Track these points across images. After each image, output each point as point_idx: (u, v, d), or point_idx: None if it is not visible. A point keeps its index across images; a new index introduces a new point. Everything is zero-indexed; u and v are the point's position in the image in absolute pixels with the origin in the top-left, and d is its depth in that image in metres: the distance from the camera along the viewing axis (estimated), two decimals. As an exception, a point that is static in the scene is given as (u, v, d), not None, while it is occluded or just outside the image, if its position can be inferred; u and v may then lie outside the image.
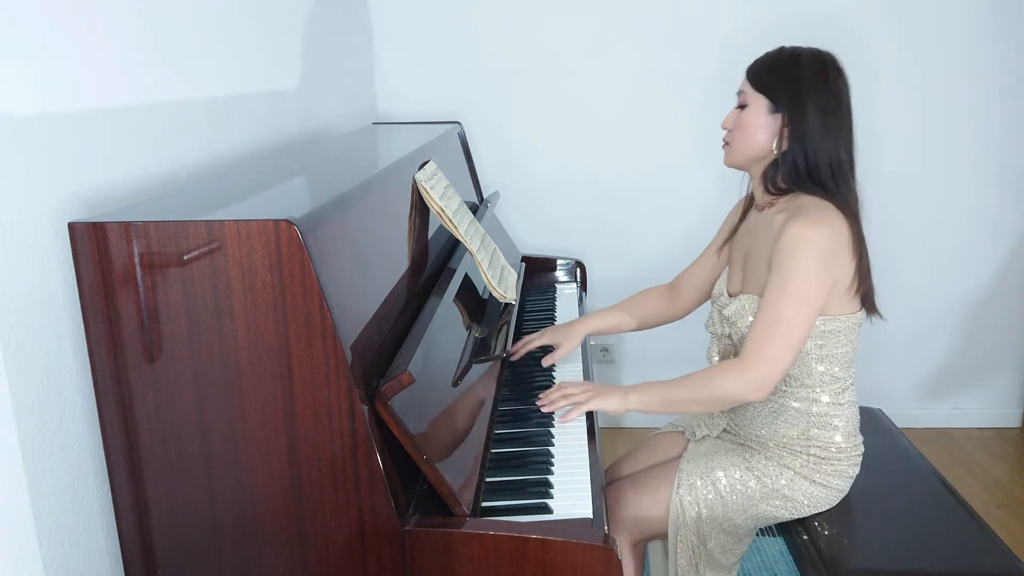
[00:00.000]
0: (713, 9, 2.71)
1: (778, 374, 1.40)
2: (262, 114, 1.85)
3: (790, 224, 1.39)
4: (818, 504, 1.53)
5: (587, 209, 2.91)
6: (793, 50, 1.49)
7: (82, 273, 1.07)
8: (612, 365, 3.05)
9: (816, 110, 1.43)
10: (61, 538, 1.14)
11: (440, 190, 1.64)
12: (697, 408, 1.51)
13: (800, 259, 1.37)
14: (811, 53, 1.47)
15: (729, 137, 1.54)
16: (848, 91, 1.48)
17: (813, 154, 1.44)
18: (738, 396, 1.42)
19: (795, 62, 1.46)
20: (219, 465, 1.11)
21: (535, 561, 1.10)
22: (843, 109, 1.46)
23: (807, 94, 1.43)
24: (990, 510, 2.47)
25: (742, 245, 1.61)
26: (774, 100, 1.46)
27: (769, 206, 1.52)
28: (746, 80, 1.51)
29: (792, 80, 1.45)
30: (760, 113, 1.47)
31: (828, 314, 1.45)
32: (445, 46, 2.80)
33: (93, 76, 1.22)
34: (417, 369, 1.14)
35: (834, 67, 1.47)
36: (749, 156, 1.51)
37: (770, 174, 1.49)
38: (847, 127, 1.47)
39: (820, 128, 1.43)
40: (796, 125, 1.44)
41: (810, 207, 1.42)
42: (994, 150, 2.79)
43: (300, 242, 1.02)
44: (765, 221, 1.52)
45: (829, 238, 1.38)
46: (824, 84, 1.44)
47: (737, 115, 1.52)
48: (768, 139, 1.47)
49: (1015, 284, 2.91)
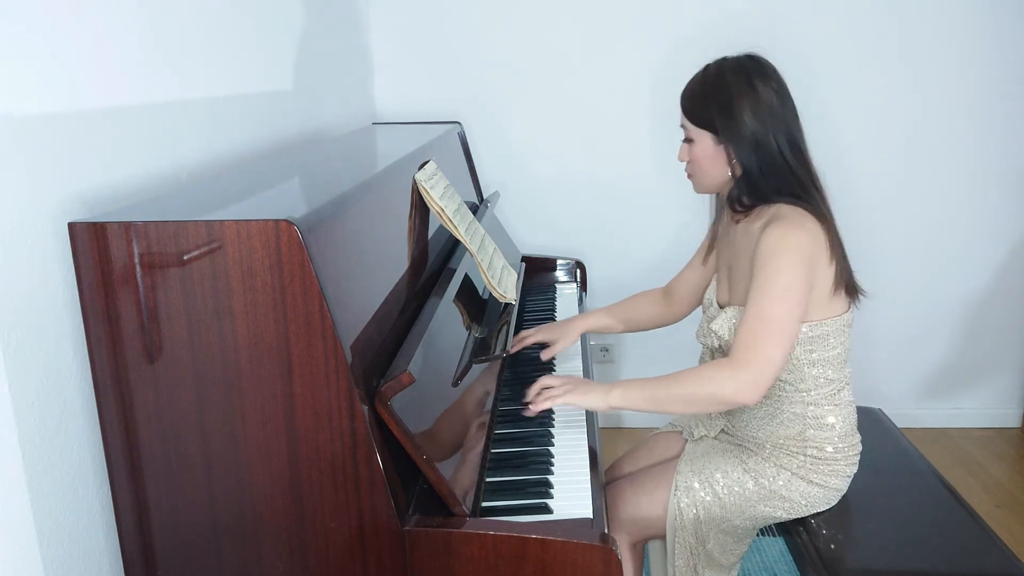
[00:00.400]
0: (714, 9, 2.71)
1: (770, 374, 1.37)
2: (262, 114, 1.85)
3: (769, 229, 1.40)
4: (816, 504, 1.53)
5: (587, 209, 2.91)
6: (717, 67, 1.48)
7: (82, 273, 1.07)
8: (612, 365, 3.06)
9: (751, 121, 1.43)
10: (61, 538, 1.14)
11: (440, 190, 1.64)
12: (686, 408, 1.46)
13: (781, 260, 1.37)
14: (733, 67, 1.47)
15: (689, 170, 1.56)
16: (781, 85, 1.47)
17: (763, 164, 1.44)
18: (730, 396, 1.38)
19: (720, 82, 1.46)
20: (219, 465, 1.11)
21: (535, 561, 1.10)
22: (776, 109, 1.45)
23: (739, 112, 1.43)
24: (990, 510, 2.47)
25: (724, 257, 1.61)
26: (714, 131, 1.47)
27: (744, 218, 1.52)
28: (683, 115, 1.52)
29: (723, 104, 1.45)
30: (707, 146, 1.49)
31: (814, 319, 1.45)
32: (445, 46, 2.80)
33: (93, 76, 1.22)
34: (417, 369, 1.14)
35: (758, 72, 1.46)
36: (713, 185, 1.54)
37: (734, 195, 1.50)
38: (789, 121, 1.46)
39: (763, 137, 1.43)
40: (740, 147, 1.45)
41: (786, 213, 1.43)
42: (994, 150, 2.79)
43: (300, 242, 1.02)
44: (743, 231, 1.52)
45: (808, 241, 1.39)
46: (753, 93, 1.44)
47: (688, 149, 1.54)
48: (722, 169, 1.49)
49: (1015, 284, 2.91)
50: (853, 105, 2.76)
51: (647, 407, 1.44)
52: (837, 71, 2.73)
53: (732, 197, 1.50)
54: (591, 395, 1.45)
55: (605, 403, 1.45)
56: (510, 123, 2.85)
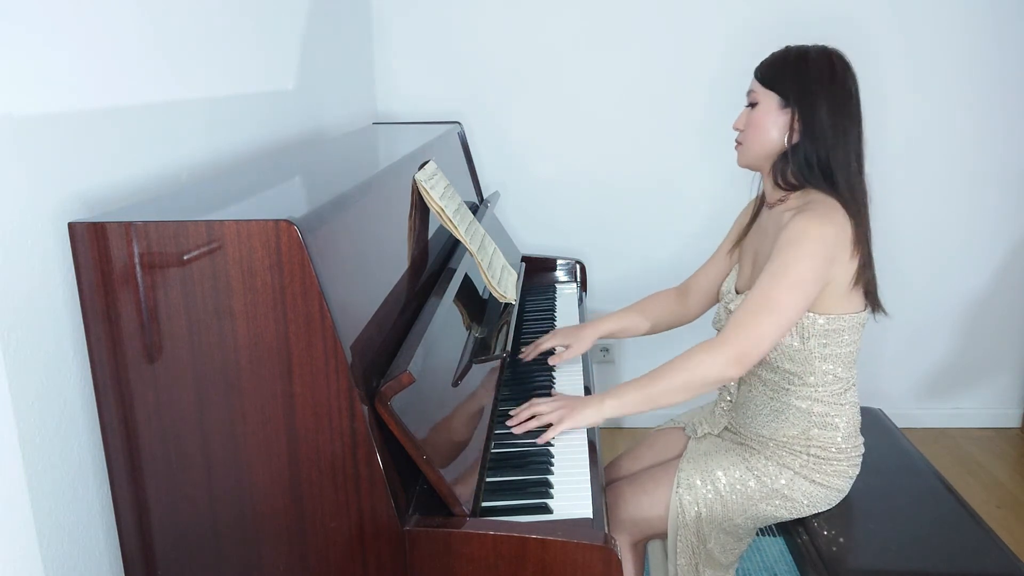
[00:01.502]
0: (715, 8, 2.71)
1: (757, 352, 1.37)
2: (262, 114, 1.85)
3: (797, 217, 1.40)
4: (818, 504, 1.53)
5: (587, 209, 2.91)
6: (800, 48, 1.49)
7: (82, 273, 1.07)
8: (612, 365, 3.06)
9: (826, 104, 1.43)
10: (61, 538, 1.14)
11: (440, 190, 1.64)
12: (680, 396, 1.44)
13: (801, 250, 1.37)
14: (818, 50, 1.48)
15: (741, 137, 1.55)
16: (857, 86, 1.48)
17: (824, 148, 1.44)
18: (717, 374, 1.38)
19: (803, 59, 1.47)
20: (219, 465, 1.11)
21: (535, 561, 1.10)
22: (852, 103, 1.46)
23: (816, 88, 1.44)
24: (990, 510, 2.47)
25: (752, 244, 1.61)
26: (784, 95, 1.47)
27: (780, 203, 1.52)
28: (755, 79, 1.52)
29: (801, 75, 1.45)
30: (771, 109, 1.48)
31: (832, 312, 1.45)
32: (445, 46, 2.80)
33: (93, 76, 1.22)
34: (417, 369, 1.14)
35: (842, 62, 1.47)
36: (762, 153, 1.51)
37: (780, 167, 1.49)
38: (857, 122, 1.47)
39: (830, 122, 1.43)
40: (806, 119, 1.44)
41: (817, 204, 1.42)
42: (994, 150, 2.80)
43: (300, 242, 1.02)
44: (775, 218, 1.52)
45: (832, 236, 1.38)
46: (832, 79, 1.45)
47: (748, 114, 1.52)
48: (780, 134, 1.47)
49: (1015, 284, 2.91)
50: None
51: (643, 407, 1.44)
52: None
53: (777, 170, 1.49)
54: (585, 412, 1.44)
55: (600, 417, 1.44)
56: (510, 123, 2.85)
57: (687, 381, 1.41)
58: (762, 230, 1.58)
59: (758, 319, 1.38)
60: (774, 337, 1.39)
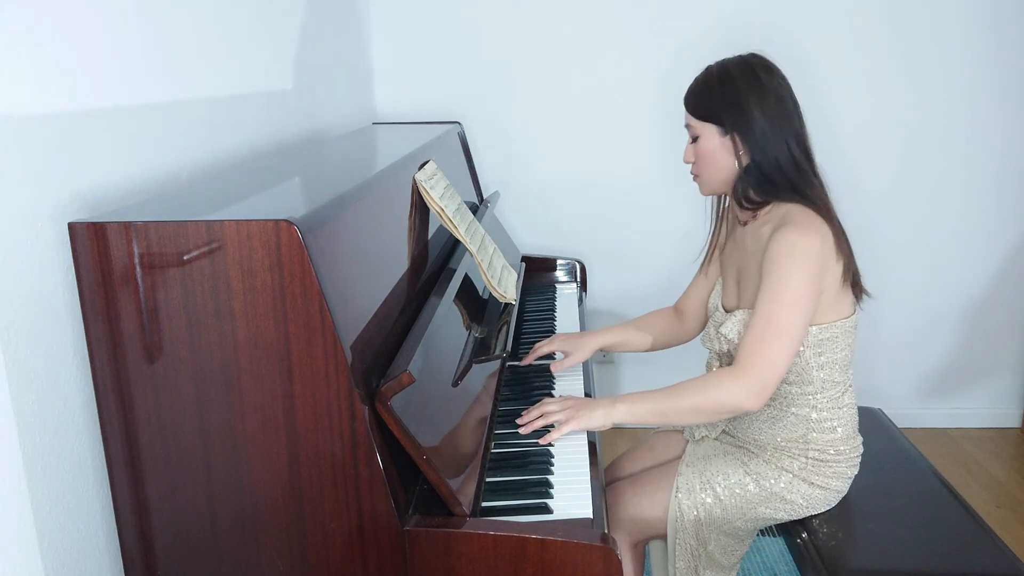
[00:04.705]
0: (715, 8, 2.71)
1: (775, 379, 1.38)
2: (262, 114, 1.85)
3: (779, 233, 1.39)
4: (817, 506, 1.53)
5: (588, 209, 2.91)
6: (720, 66, 1.49)
7: (82, 273, 1.07)
8: (612, 366, 3.06)
9: (760, 115, 1.43)
10: (61, 538, 1.14)
11: (440, 190, 1.64)
12: (691, 418, 1.46)
13: (793, 265, 1.37)
14: (737, 63, 1.48)
15: (695, 170, 1.55)
16: (786, 84, 1.48)
17: (773, 158, 1.44)
18: (736, 404, 1.39)
19: (726, 78, 1.46)
20: (219, 465, 1.11)
21: (535, 561, 1.10)
22: (785, 104, 1.45)
23: (747, 104, 1.43)
24: (990, 510, 2.47)
25: (732, 260, 1.61)
26: (720, 124, 1.47)
27: (752, 219, 1.52)
28: (687, 113, 1.52)
29: (729, 97, 1.45)
30: (712, 139, 1.48)
31: (824, 322, 1.45)
32: (445, 46, 2.80)
33: (93, 76, 1.22)
34: (417, 369, 1.14)
35: (763, 68, 1.47)
36: (721, 181, 1.52)
37: (740, 189, 1.49)
38: (795, 118, 1.46)
39: (770, 131, 1.43)
40: (747, 137, 1.44)
41: (794, 215, 1.42)
42: (994, 150, 2.79)
43: (300, 242, 1.02)
44: (752, 234, 1.51)
45: (819, 245, 1.38)
46: (759, 88, 1.44)
47: (693, 148, 1.53)
48: (730, 160, 1.48)
49: (1015, 284, 2.91)
50: (852, 105, 2.75)
51: (652, 420, 1.44)
52: (836, 71, 2.72)
53: (739, 193, 1.49)
54: (594, 415, 1.45)
55: (609, 421, 1.45)
56: (510, 123, 2.85)
57: (703, 405, 1.41)
58: (741, 246, 1.57)
59: (769, 344, 1.37)
60: (787, 360, 1.38)
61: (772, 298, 1.38)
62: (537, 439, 1.44)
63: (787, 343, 1.37)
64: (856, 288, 1.50)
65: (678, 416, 1.44)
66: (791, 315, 1.37)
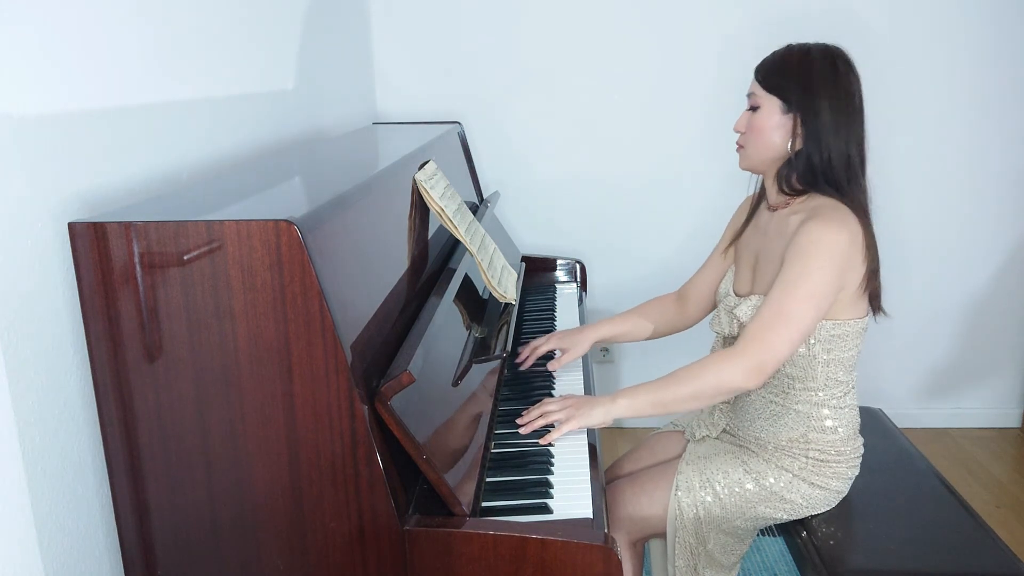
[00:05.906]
0: (715, 8, 2.71)
1: (774, 362, 1.37)
2: (262, 114, 1.85)
3: (809, 224, 1.38)
4: (816, 506, 1.53)
5: (587, 209, 2.91)
6: (802, 47, 1.46)
7: (82, 273, 1.07)
8: (612, 365, 3.06)
9: (829, 107, 1.41)
10: (61, 538, 1.14)
11: (440, 190, 1.64)
12: (692, 404, 1.44)
13: (817, 259, 1.35)
14: (820, 49, 1.45)
15: (743, 140, 1.52)
16: (860, 86, 1.46)
17: (827, 152, 1.42)
18: (733, 383, 1.38)
19: (805, 59, 1.44)
20: (219, 465, 1.11)
21: (535, 561, 1.10)
22: (855, 104, 1.44)
23: (819, 92, 1.41)
24: (990, 510, 2.47)
25: (751, 245, 1.59)
26: (786, 100, 1.44)
27: (783, 207, 1.50)
28: (755, 81, 1.49)
29: (803, 78, 1.43)
30: (773, 114, 1.45)
31: (837, 318, 1.44)
32: (445, 46, 2.80)
33: (93, 76, 1.22)
34: (417, 369, 1.14)
35: (844, 62, 1.45)
36: (765, 158, 1.49)
37: (784, 174, 1.47)
38: (859, 123, 1.45)
39: (833, 125, 1.41)
40: (809, 124, 1.42)
41: (827, 209, 1.41)
42: (994, 150, 2.79)
43: (300, 242, 1.02)
44: (778, 222, 1.50)
45: (847, 241, 1.37)
46: (835, 80, 1.42)
47: (749, 117, 1.50)
48: (783, 140, 1.45)
49: (1015, 284, 2.91)
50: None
51: (654, 411, 1.43)
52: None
53: (782, 176, 1.47)
54: (594, 412, 1.44)
55: (609, 417, 1.44)
56: (510, 123, 2.85)
57: (702, 389, 1.40)
58: (761, 231, 1.56)
59: (774, 331, 1.37)
60: (791, 348, 1.38)
61: (788, 288, 1.37)
62: (537, 439, 1.44)
63: (792, 334, 1.37)
64: (875, 302, 1.49)
65: (679, 403, 1.42)
66: (803, 307, 1.36)
